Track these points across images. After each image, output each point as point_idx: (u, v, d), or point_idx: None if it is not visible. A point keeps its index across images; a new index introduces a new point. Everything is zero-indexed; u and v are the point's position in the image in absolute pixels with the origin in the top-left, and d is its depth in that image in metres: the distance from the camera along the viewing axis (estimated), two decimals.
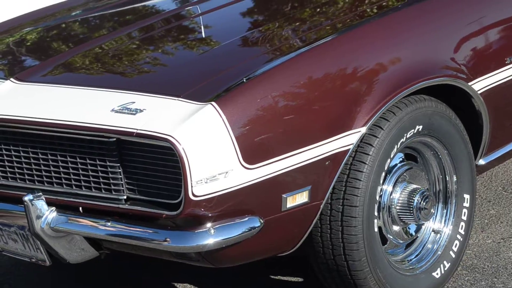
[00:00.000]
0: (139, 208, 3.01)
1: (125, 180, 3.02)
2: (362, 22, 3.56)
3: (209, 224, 2.90)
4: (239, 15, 4.10)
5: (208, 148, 2.82)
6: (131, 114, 2.93)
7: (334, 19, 3.73)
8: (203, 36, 3.87)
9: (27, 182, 3.31)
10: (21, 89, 3.37)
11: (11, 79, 3.44)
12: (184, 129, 2.76)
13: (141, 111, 2.93)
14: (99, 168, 3.06)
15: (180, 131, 2.75)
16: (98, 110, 3.06)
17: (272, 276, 4.01)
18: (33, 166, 3.27)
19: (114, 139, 2.95)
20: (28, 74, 3.46)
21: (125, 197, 3.05)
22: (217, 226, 2.91)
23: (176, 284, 4.09)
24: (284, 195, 3.01)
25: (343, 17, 3.72)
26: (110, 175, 3.01)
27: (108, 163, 3.01)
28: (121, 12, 4.42)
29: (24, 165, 3.29)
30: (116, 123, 2.92)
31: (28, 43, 4.10)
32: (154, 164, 2.93)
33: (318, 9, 3.92)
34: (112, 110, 3.00)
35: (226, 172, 2.81)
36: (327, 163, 3.10)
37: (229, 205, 2.90)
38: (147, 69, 3.52)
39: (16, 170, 3.33)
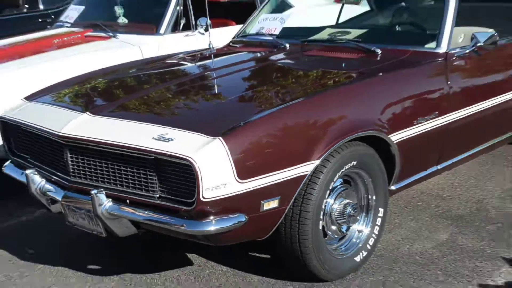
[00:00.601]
0: (167, 203, 3.28)
1: (158, 185, 3.32)
2: (322, 90, 3.80)
3: (212, 217, 3.17)
4: (241, 80, 4.26)
5: (215, 168, 3.08)
6: (165, 141, 3.20)
7: (304, 87, 3.91)
8: (216, 92, 4.08)
9: (93, 181, 3.50)
10: (93, 120, 3.64)
11: (87, 112, 3.69)
12: (199, 154, 3.04)
13: (172, 140, 3.20)
14: (142, 175, 3.36)
15: (197, 155, 3.02)
16: (144, 137, 3.30)
17: (251, 253, 4.16)
18: (98, 171, 3.45)
19: (153, 157, 3.20)
20: (98, 110, 3.72)
21: (158, 195, 3.31)
22: (217, 219, 3.16)
23: (188, 255, 4.15)
24: (262, 201, 3.29)
25: (310, 86, 3.93)
26: (149, 181, 3.32)
27: (148, 173, 3.31)
28: (162, 73, 4.60)
29: (93, 170, 3.49)
30: (155, 147, 3.17)
31: (99, 89, 4.35)
32: (178, 175, 3.19)
33: (294, 79, 4.15)
34: (153, 138, 3.26)
35: (225, 184, 3.12)
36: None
37: (226, 205, 3.18)
38: (178, 112, 3.83)
39: (88, 172, 3.50)
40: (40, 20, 8.50)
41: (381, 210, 3.88)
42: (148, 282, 3.85)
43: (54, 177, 3.76)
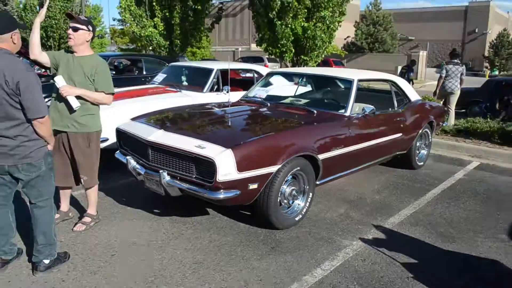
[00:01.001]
0: (199, 181, 3.30)
1: (195, 170, 3.28)
2: (284, 129, 3.81)
3: (221, 190, 3.17)
4: (243, 119, 4.29)
5: (226, 165, 3.13)
6: (201, 148, 3.23)
7: (275, 126, 3.91)
8: (229, 124, 4.11)
9: (161, 165, 3.54)
10: (165, 133, 3.63)
11: (162, 129, 3.70)
12: (218, 156, 3.09)
13: (204, 148, 3.24)
14: (187, 164, 3.35)
15: (217, 157, 3.09)
16: (190, 145, 3.31)
17: (241, 211, 4.01)
18: (165, 160, 3.44)
19: (194, 156, 3.21)
20: (168, 128, 3.73)
21: (194, 176, 3.32)
22: (224, 191, 3.18)
23: (208, 209, 4.06)
24: (249, 184, 3.30)
25: (278, 126, 3.88)
26: (190, 168, 3.33)
27: (190, 163, 3.32)
28: (202, 112, 4.59)
29: (162, 160, 3.50)
30: (195, 151, 3.20)
31: (170, 118, 4.38)
32: (206, 166, 3.19)
33: (270, 122, 4.12)
34: (195, 145, 3.30)
35: (231, 173, 3.17)
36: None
37: (230, 185, 3.21)
38: (209, 133, 3.79)
39: (159, 160, 3.53)
40: (143, 79, 8.46)
41: (311, 194, 3.83)
42: (184, 221, 3.78)
43: (141, 161, 3.71)
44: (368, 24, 35.18)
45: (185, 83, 6.58)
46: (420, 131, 5.48)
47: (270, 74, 5.44)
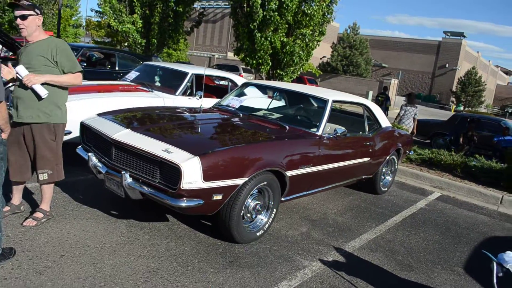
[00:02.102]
0: (162, 186, 3.17)
1: (159, 175, 3.17)
2: (255, 142, 3.73)
3: (184, 199, 3.09)
4: (214, 127, 4.19)
5: (191, 173, 3.03)
6: (167, 153, 3.13)
7: (245, 138, 3.83)
8: (199, 131, 3.97)
9: (124, 166, 3.41)
10: (131, 133, 3.51)
11: (129, 129, 3.58)
12: (184, 163, 2.99)
13: (171, 152, 3.15)
14: (151, 168, 3.19)
15: (183, 164, 2.99)
16: (157, 148, 3.19)
17: (202, 220, 3.90)
18: (128, 161, 3.31)
19: (160, 160, 3.10)
20: (135, 128, 3.60)
21: (158, 181, 3.20)
22: (187, 200, 3.10)
23: (168, 216, 3.91)
24: (213, 194, 3.22)
25: (248, 138, 3.80)
26: (155, 172, 3.20)
27: (155, 168, 3.18)
28: (172, 115, 4.46)
29: (125, 160, 3.35)
30: (161, 155, 3.10)
31: (137, 117, 4.19)
32: (171, 172, 3.08)
33: (240, 133, 4.03)
34: (161, 149, 3.20)
35: (195, 182, 3.07)
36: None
37: (193, 194, 3.11)
38: (177, 137, 3.69)
39: (122, 161, 3.38)
40: (115, 75, 8.24)
41: (275, 210, 3.78)
42: (142, 226, 3.64)
43: (103, 159, 3.56)
44: (345, 47, 35.93)
45: (158, 83, 6.45)
46: (388, 157, 5.56)
47: (246, 85, 5.40)
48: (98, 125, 3.73)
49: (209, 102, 5.63)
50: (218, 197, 3.21)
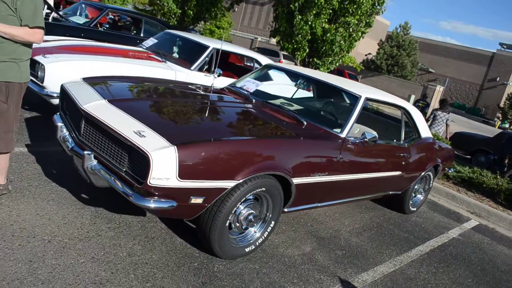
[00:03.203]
0: (127, 177, 2.46)
1: (127, 162, 2.45)
2: (262, 136, 2.99)
3: (152, 198, 2.40)
4: (218, 112, 3.43)
5: (163, 166, 2.32)
6: (139, 136, 2.43)
7: (252, 130, 3.04)
8: (196, 114, 3.19)
9: (92, 144, 2.75)
10: (107, 106, 2.83)
11: (106, 100, 2.86)
12: (156, 153, 2.27)
13: (144, 136, 2.42)
14: (119, 153, 2.47)
15: (154, 153, 2.27)
16: (128, 128, 2.49)
17: (187, 221, 3.17)
18: (97, 139, 2.61)
19: (128, 143, 2.38)
20: (114, 101, 2.89)
21: (125, 169, 2.49)
22: (156, 199, 2.39)
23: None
24: (191, 196, 2.51)
25: (256, 130, 3.02)
26: (123, 158, 2.50)
27: (123, 152, 2.49)
28: (173, 91, 3.74)
29: (94, 137, 2.66)
30: (131, 138, 2.40)
31: (125, 88, 3.53)
32: (140, 161, 2.37)
33: (247, 123, 3.23)
34: (133, 131, 2.47)
35: (168, 178, 2.36)
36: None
37: (164, 193, 2.40)
38: (161, 118, 2.95)
39: (91, 138, 2.73)
40: (138, 41, 7.61)
41: (273, 222, 3.05)
42: (110, 218, 2.97)
43: (73, 133, 2.91)
44: (393, 46, 34.18)
45: (175, 54, 5.77)
46: (423, 173, 4.70)
47: (268, 67, 4.62)
48: (76, 90, 3.08)
49: (226, 83, 4.92)
50: (197, 200, 2.49)
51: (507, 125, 38.08)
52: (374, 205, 4.97)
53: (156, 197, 2.35)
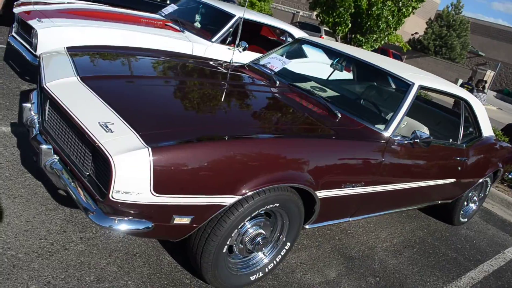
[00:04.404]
0: (89, 185, 1.76)
1: (92, 165, 1.74)
2: (279, 131, 2.23)
3: (117, 216, 1.75)
4: (227, 99, 2.69)
5: (130, 175, 1.63)
6: (105, 131, 1.75)
7: (266, 125, 2.32)
8: (194, 102, 2.46)
9: (54, 134, 2.09)
10: (75, 85, 2.16)
11: (78, 77, 2.18)
12: (122, 156, 1.62)
13: (111, 131, 1.75)
14: (83, 151, 1.80)
15: (118, 157, 1.60)
16: (94, 119, 1.82)
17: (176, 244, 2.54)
18: (59, 129, 1.95)
19: (91, 140, 1.65)
20: (86, 78, 2.20)
21: (88, 173, 1.79)
22: (122, 219, 1.73)
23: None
24: (174, 216, 1.80)
25: (273, 123, 2.30)
26: (86, 158, 1.81)
27: (87, 151, 1.78)
28: (172, 67, 3.06)
29: (56, 126, 2.00)
30: (94, 132, 1.74)
31: (108, 61, 2.87)
32: (103, 164, 1.68)
33: (265, 114, 2.51)
34: (99, 122, 1.74)
35: (138, 193, 1.64)
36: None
37: (136, 210, 1.70)
38: (140, 105, 2.17)
39: (53, 126, 2.10)
40: (160, 6, 6.90)
41: (288, 244, 2.36)
42: (86, 225, 2.35)
43: (39, 117, 2.29)
44: (442, 26, 31.93)
45: (197, 24, 5.06)
46: (481, 180, 3.86)
47: (299, 41, 3.83)
48: (50, 62, 2.44)
49: (252, 57, 4.20)
50: (182, 220, 1.83)
51: None
52: (417, 213, 4.18)
53: (123, 216, 1.71)
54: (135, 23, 4.38)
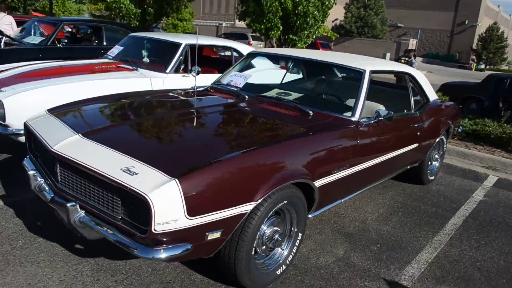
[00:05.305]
0: (125, 226, 1.96)
1: (122, 208, 1.98)
2: (268, 143, 2.50)
3: (161, 246, 1.96)
4: (209, 122, 2.97)
5: (167, 206, 1.89)
6: (130, 174, 1.97)
7: (255, 137, 2.62)
8: (187, 131, 2.71)
9: (74, 192, 2.28)
10: (81, 142, 2.34)
11: (80, 134, 2.40)
12: (155, 193, 1.85)
13: (136, 174, 1.98)
14: (109, 197, 2.02)
15: (153, 194, 1.85)
16: (114, 167, 2.05)
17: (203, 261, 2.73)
18: (78, 185, 2.14)
19: (117, 185, 1.93)
20: (89, 133, 2.40)
21: (120, 217, 2.03)
22: (166, 247, 1.96)
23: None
24: (207, 233, 2.06)
25: (260, 137, 2.62)
26: (114, 203, 2.03)
27: (114, 197, 1.98)
28: (153, 106, 3.29)
29: (75, 183, 2.21)
30: (120, 178, 1.95)
31: (100, 112, 3.11)
32: (137, 205, 1.90)
33: (248, 128, 2.80)
34: (121, 169, 2.00)
35: (176, 220, 1.91)
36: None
37: (174, 237, 1.98)
38: (150, 145, 2.45)
39: (71, 184, 2.29)
40: (102, 51, 7.02)
41: (300, 235, 2.65)
42: (115, 268, 2.54)
43: (49, 180, 2.44)
44: (359, 7, 33.73)
45: (145, 59, 5.25)
46: (438, 139, 4.36)
47: (252, 55, 4.16)
48: (42, 127, 2.59)
49: (209, 79, 4.46)
50: (215, 235, 2.08)
51: (482, 66, 38.26)
52: (390, 182, 4.62)
53: (165, 244, 1.94)
54: (90, 71, 4.52)
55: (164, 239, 1.92)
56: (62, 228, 2.85)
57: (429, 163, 4.58)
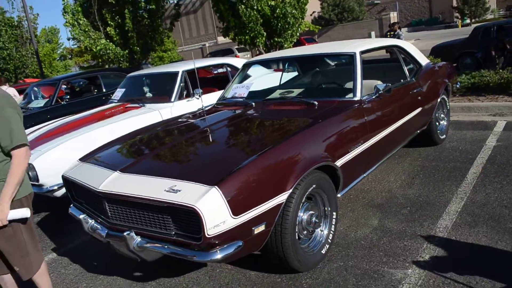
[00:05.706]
0: (181, 239, 2.23)
1: (173, 225, 2.27)
2: (285, 139, 2.70)
3: (216, 248, 2.21)
4: (227, 133, 3.24)
5: (214, 211, 2.14)
6: (174, 192, 2.20)
7: (271, 136, 2.89)
8: (210, 145, 2.98)
9: (127, 222, 2.52)
10: (122, 177, 2.59)
11: (117, 171, 2.65)
12: (201, 202, 2.10)
13: (179, 191, 2.21)
14: (160, 218, 2.30)
15: (199, 203, 2.10)
16: (158, 190, 2.29)
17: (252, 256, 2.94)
18: (129, 215, 2.39)
19: (166, 205, 2.11)
20: (125, 169, 2.65)
21: (173, 233, 2.28)
22: (220, 248, 2.20)
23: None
24: (253, 228, 2.32)
25: (275, 135, 2.88)
26: (166, 222, 2.30)
27: (164, 216, 2.26)
28: (171, 132, 3.55)
29: (125, 215, 2.48)
30: (167, 198, 2.19)
31: (127, 150, 3.32)
32: (187, 217, 2.20)
33: (262, 130, 3.07)
34: (165, 190, 2.25)
35: (224, 221, 2.17)
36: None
37: (226, 237, 2.22)
38: (183, 164, 2.72)
39: (122, 216, 2.52)
40: (104, 98, 7.34)
41: (334, 213, 2.87)
42: (176, 283, 2.78)
43: (99, 219, 2.70)
44: None
45: (148, 94, 5.55)
46: (439, 99, 4.55)
47: (247, 65, 4.42)
48: (81, 175, 2.86)
49: (212, 98, 4.72)
50: (260, 228, 2.30)
51: (468, 21, 38.27)
52: (405, 151, 4.81)
53: (219, 246, 2.16)
54: (103, 118, 4.80)
55: (217, 241, 2.15)
56: (118, 262, 3.11)
57: (437, 123, 4.77)
